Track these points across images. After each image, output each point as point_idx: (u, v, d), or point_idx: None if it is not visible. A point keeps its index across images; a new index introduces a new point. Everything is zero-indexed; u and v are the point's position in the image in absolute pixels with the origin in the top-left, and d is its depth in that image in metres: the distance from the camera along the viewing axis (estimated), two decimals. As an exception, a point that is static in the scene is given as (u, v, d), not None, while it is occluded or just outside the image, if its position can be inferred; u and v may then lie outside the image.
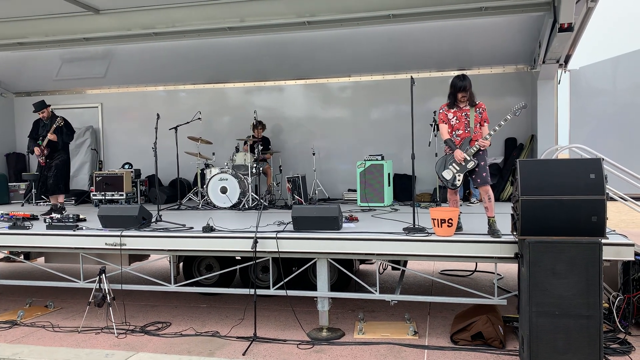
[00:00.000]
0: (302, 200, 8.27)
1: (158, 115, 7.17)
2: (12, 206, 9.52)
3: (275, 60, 9.39)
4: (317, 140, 9.71)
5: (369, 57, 9.07)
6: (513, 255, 4.78)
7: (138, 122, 10.55)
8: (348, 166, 9.39)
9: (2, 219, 6.86)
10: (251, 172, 8.33)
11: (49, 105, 7.93)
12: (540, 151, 8.07)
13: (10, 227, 6.30)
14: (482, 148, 5.19)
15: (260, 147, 8.64)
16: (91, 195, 9.27)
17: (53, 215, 6.81)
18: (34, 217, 7.05)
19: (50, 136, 7.53)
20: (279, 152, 9.65)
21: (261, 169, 8.76)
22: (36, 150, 7.62)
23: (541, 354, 4.20)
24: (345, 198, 9.22)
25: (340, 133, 9.86)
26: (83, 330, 5.75)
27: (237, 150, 9.10)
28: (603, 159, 4.56)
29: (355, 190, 8.53)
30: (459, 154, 5.22)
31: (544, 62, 7.68)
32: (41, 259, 7.42)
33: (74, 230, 6.01)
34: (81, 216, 6.68)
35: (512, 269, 7.24)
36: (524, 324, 4.36)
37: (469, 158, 5.21)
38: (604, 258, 4.18)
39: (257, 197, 8.37)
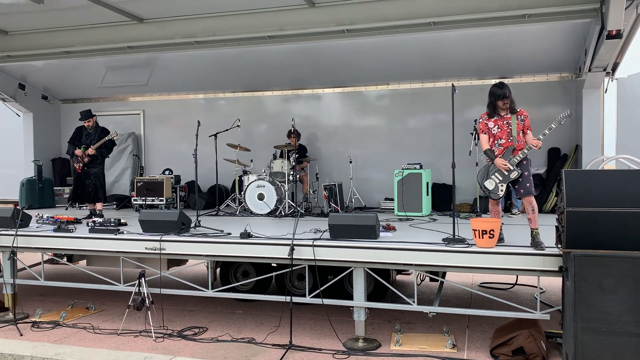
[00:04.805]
0: (339, 208, 8.24)
1: (199, 122, 7.27)
2: (56, 209, 9.83)
3: (312, 68, 9.41)
4: (354, 148, 9.67)
5: (408, 64, 8.98)
6: (557, 269, 4.63)
7: (178, 129, 10.75)
8: (385, 175, 9.29)
9: (47, 221, 7.08)
10: (288, 179, 8.36)
11: (95, 115, 8.16)
12: (585, 162, 7.81)
13: (55, 230, 6.50)
14: (535, 148, 5.01)
15: (296, 155, 8.66)
16: (132, 200, 9.49)
17: (95, 219, 6.98)
18: (77, 221, 7.25)
19: (91, 151, 7.75)
20: (316, 159, 9.66)
21: (298, 176, 8.78)
22: (77, 152, 7.83)
23: (587, 373, 4.04)
24: (382, 207, 9.14)
25: (377, 141, 9.79)
26: (122, 333, 5.85)
27: (275, 157, 9.15)
28: (654, 170, 4.38)
29: (392, 199, 8.44)
30: (500, 161, 5.10)
31: (589, 70, 7.43)
32: (83, 262, 7.61)
33: (115, 235, 6.15)
34: (122, 220, 6.83)
35: (553, 282, 7.02)
36: (568, 340, 4.20)
37: (512, 168, 5.09)
38: (655, 274, 4.00)
39: (293, 204, 8.39)
